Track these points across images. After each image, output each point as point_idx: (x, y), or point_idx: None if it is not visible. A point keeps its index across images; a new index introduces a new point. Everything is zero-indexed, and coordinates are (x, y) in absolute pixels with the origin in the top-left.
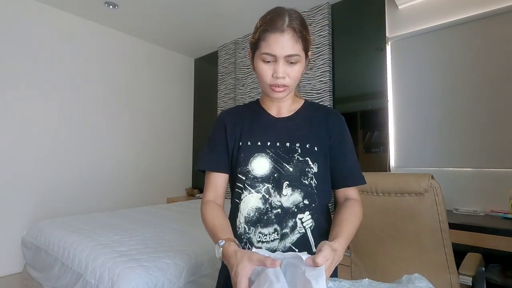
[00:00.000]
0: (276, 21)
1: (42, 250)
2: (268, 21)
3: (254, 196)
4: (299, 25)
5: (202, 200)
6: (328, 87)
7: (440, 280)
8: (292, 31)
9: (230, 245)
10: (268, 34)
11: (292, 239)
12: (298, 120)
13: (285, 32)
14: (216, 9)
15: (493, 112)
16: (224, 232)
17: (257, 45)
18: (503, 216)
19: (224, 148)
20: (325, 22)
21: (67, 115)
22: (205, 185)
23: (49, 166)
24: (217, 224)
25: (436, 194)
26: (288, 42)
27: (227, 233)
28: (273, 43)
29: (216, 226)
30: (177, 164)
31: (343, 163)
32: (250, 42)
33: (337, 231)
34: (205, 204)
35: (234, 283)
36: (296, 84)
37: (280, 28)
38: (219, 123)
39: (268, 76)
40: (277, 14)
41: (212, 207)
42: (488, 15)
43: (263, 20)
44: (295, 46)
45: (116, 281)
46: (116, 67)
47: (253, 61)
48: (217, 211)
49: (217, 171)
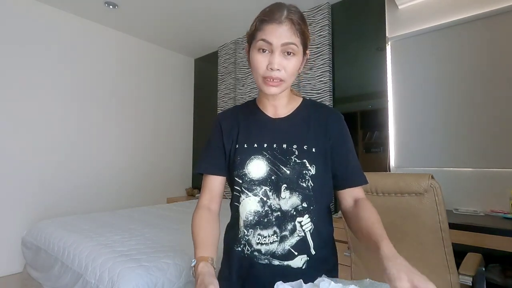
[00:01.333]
0: (274, 13)
1: (42, 250)
2: (266, 13)
3: (252, 200)
4: (297, 18)
5: (197, 203)
6: (328, 87)
7: (440, 280)
8: (290, 22)
9: (199, 266)
10: (265, 24)
11: (292, 242)
12: (295, 120)
13: (283, 23)
14: (216, 9)
15: (493, 112)
16: (203, 247)
17: (254, 35)
18: (503, 216)
19: (220, 151)
20: (325, 22)
21: (66, 115)
22: (202, 188)
23: (49, 166)
24: (198, 239)
25: (436, 194)
26: (284, 32)
27: (204, 249)
28: (270, 32)
29: (199, 238)
30: (177, 164)
31: (346, 164)
32: (247, 35)
33: (377, 233)
34: (197, 210)
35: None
36: (291, 80)
37: (278, 19)
38: (216, 126)
39: (262, 67)
40: (276, 6)
41: (200, 216)
42: (488, 15)
43: (262, 13)
44: (292, 36)
45: (116, 281)
46: (116, 67)
47: (249, 55)
48: (204, 221)
49: (213, 174)
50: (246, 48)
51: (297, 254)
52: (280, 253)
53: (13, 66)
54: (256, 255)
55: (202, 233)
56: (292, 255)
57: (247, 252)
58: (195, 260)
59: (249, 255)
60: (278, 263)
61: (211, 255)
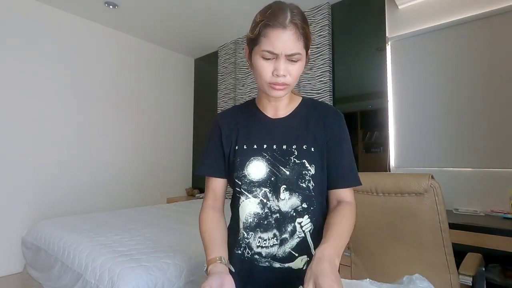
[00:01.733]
0: (278, 16)
1: (42, 250)
2: (269, 16)
3: (251, 201)
4: (301, 21)
5: (202, 203)
6: (328, 87)
7: (440, 280)
8: (295, 27)
9: (209, 268)
10: (270, 29)
11: (292, 244)
12: (295, 120)
13: (287, 28)
14: (216, 9)
15: (493, 112)
16: (212, 249)
17: (257, 41)
18: (503, 216)
19: (219, 153)
20: (325, 22)
21: (66, 115)
22: (205, 189)
23: (49, 166)
24: (208, 239)
25: (436, 194)
26: (290, 38)
27: (215, 249)
28: (275, 40)
29: (206, 241)
30: (177, 164)
31: (337, 163)
32: (248, 37)
33: (324, 236)
34: (203, 210)
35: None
36: (296, 82)
37: (282, 23)
38: (215, 127)
39: (268, 73)
40: (278, 8)
41: (207, 216)
42: (489, 15)
43: (264, 15)
44: (297, 43)
45: (116, 281)
46: (116, 67)
47: (251, 57)
48: (211, 221)
49: (214, 176)
50: (246, 49)
51: (297, 255)
52: (281, 255)
53: (13, 66)
54: (256, 258)
55: (210, 234)
56: (293, 256)
57: (248, 255)
58: (206, 265)
59: (250, 258)
60: (279, 265)
61: (221, 254)
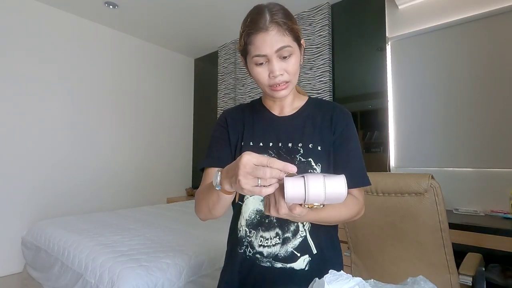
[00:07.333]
0: (257, 22)
1: (42, 250)
2: (250, 24)
3: (255, 198)
4: (282, 18)
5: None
6: (328, 87)
7: (440, 280)
8: (277, 25)
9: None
10: (253, 36)
11: (294, 244)
12: (301, 119)
13: (269, 29)
14: (216, 9)
15: (493, 112)
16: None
17: (246, 50)
18: (503, 216)
19: (226, 148)
20: (325, 22)
21: (66, 115)
22: (202, 181)
23: (49, 166)
24: (207, 185)
25: (436, 194)
26: (275, 37)
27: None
28: (261, 44)
29: (206, 186)
30: (177, 164)
31: (346, 163)
32: (239, 50)
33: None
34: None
35: (240, 174)
36: (296, 77)
37: (263, 26)
38: (221, 120)
39: (265, 78)
40: (256, 14)
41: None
42: (489, 15)
43: (245, 24)
44: (283, 38)
45: (116, 281)
46: (116, 67)
47: (248, 68)
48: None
49: (214, 167)
50: (242, 60)
51: (299, 255)
52: (283, 255)
53: (12, 66)
54: (258, 257)
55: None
56: (295, 256)
57: (249, 254)
58: (216, 180)
59: (251, 257)
60: (281, 265)
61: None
